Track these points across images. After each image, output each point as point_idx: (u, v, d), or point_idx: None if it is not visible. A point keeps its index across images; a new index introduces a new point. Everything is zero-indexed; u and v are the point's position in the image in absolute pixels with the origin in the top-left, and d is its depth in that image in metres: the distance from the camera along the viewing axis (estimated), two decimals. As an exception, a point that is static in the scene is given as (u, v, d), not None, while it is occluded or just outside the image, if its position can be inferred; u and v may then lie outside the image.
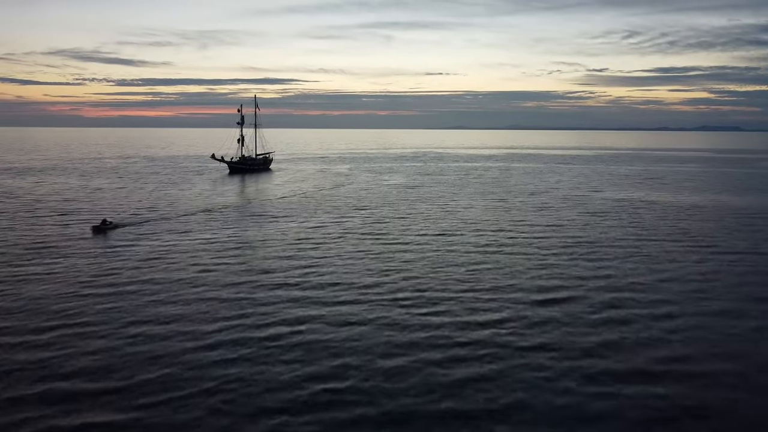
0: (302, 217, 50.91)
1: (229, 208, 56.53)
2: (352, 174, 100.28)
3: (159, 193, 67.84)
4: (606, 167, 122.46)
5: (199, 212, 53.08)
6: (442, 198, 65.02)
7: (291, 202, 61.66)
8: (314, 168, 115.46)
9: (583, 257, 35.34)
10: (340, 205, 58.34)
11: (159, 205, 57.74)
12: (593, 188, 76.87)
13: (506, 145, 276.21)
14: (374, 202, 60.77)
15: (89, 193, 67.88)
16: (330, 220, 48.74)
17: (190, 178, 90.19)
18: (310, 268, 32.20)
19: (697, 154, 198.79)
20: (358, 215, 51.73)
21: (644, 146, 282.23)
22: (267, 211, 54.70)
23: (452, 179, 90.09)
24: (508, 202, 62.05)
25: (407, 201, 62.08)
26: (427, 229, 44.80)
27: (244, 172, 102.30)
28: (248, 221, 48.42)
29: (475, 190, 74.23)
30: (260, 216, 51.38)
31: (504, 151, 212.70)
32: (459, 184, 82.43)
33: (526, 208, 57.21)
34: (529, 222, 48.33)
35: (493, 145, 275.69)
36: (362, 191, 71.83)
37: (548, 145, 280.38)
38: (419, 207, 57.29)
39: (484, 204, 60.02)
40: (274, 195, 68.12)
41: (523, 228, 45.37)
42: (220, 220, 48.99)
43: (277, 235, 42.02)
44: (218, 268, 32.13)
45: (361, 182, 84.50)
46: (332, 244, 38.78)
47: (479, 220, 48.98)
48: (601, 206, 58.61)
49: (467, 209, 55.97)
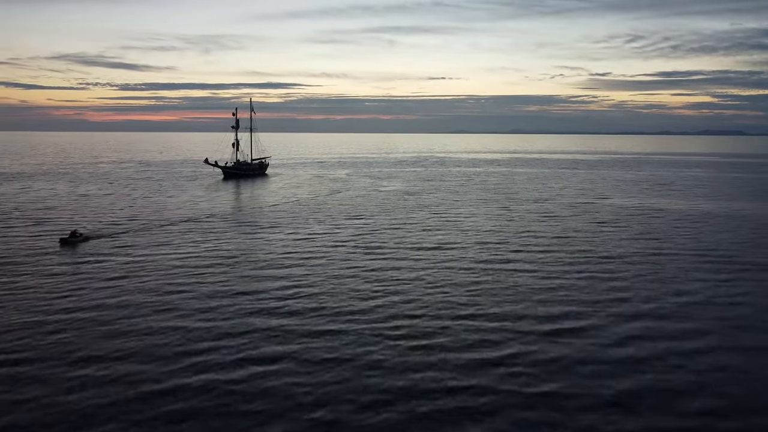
0: (292, 227, 47.70)
1: (215, 217, 53.36)
2: (349, 179, 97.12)
3: (145, 201, 64.72)
4: (611, 172, 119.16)
5: (183, 222, 49.91)
6: (441, 206, 61.80)
7: (283, 210, 58.48)
8: (312, 173, 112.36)
9: (595, 275, 32.06)
10: (334, 214, 55.15)
11: (142, 213, 54.60)
12: (600, 195, 73.58)
13: (509, 150, 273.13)
14: (370, 211, 57.57)
15: (72, 200, 64.79)
16: (321, 231, 45.53)
17: (182, 184, 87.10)
18: (292, 290, 28.98)
19: (702, 158, 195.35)
20: (352, 225, 48.52)
21: (649, 150, 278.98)
22: (255, 220, 51.51)
23: (453, 185, 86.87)
24: (511, 210, 58.79)
25: (404, 209, 58.87)
26: (423, 241, 41.54)
27: (239, 177, 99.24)
28: (233, 232, 45.22)
29: (477, 196, 70.99)
30: (247, 226, 48.19)
31: (507, 155, 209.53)
32: (460, 190, 79.20)
33: (531, 216, 53.94)
34: (534, 233, 45.07)
35: (496, 150, 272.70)
36: (358, 198, 68.65)
37: (551, 150, 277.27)
38: (417, 216, 54.05)
39: (485, 212, 56.77)
40: (266, 202, 64.96)
41: (528, 240, 42.10)
42: (203, 230, 45.81)
43: (261, 249, 38.80)
44: (190, 290, 28.93)
45: (358, 188, 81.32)
46: (320, 260, 35.55)
47: (480, 231, 45.72)
48: (610, 215, 55.29)
49: (468, 218, 52.72)
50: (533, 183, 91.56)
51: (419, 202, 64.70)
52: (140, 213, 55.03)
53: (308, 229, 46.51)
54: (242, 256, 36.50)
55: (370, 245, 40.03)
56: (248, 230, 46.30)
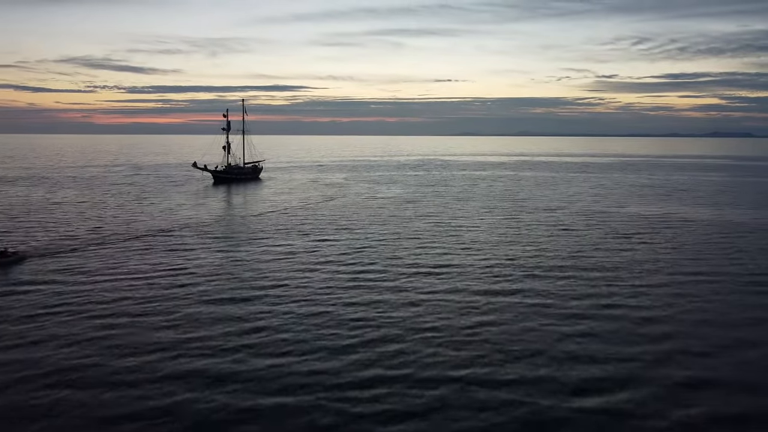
0: (271, 242, 42.09)
1: (189, 228, 47.82)
2: (346, 184, 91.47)
3: (119, 210, 59.26)
4: (624, 176, 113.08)
5: (151, 235, 44.39)
6: (442, 215, 56.05)
7: (267, 220, 52.88)
8: (308, 177, 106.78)
9: (626, 308, 26.28)
10: (322, 225, 49.52)
11: (109, 225, 49.12)
12: (616, 202, 67.64)
13: (515, 152, 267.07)
14: (363, 221, 51.90)
15: (40, 208, 59.39)
16: (303, 248, 39.90)
17: (167, 189, 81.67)
18: (252, 331, 23.35)
19: (716, 161, 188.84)
20: (339, 240, 42.86)
21: (658, 153, 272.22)
22: (232, 233, 45.93)
23: (456, 191, 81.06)
24: (519, 220, 52.98)
25: (401, 219, 53.16)
26: (418, 262, 35.78)
27: (230, 182, 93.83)
28: (202, 247, 39.62)
29: (482, 204, 65.18)
30: (221, 240, 42.60)
31: (513, 158, 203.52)
32: (464, 196, 73.41)
33: (542, 229, 48.13)
34: (546, 249, 39.29)
35: (502, 152, 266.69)
36: (352, 206, 63.00)
37: (559, 152, 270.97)
38: (414, 228, 48.34)
39: (491, 224, 50.98)
40: (251, 211, 59.38)
41: (540, 259, 36.32)
42: (169, 246, 40.26)
43: (230, 271, 33.19)
44: (130, 325, 23.34)
45: (354, 194, 75.68)
46: (295, 285, 29.91)
47: (485, 248, 39.95)
48: (631, 226, 49.42)
49: (471, 231, 46.95)
50: (542, 188, 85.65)
51: (418, 211, 58.97)
52: (107, 224, 49.54)
53: (289, 246, 40.88)
54: (203, 281, 30.89)
55: (355, 269, 34.33)
56: (220, 245, 40.71)
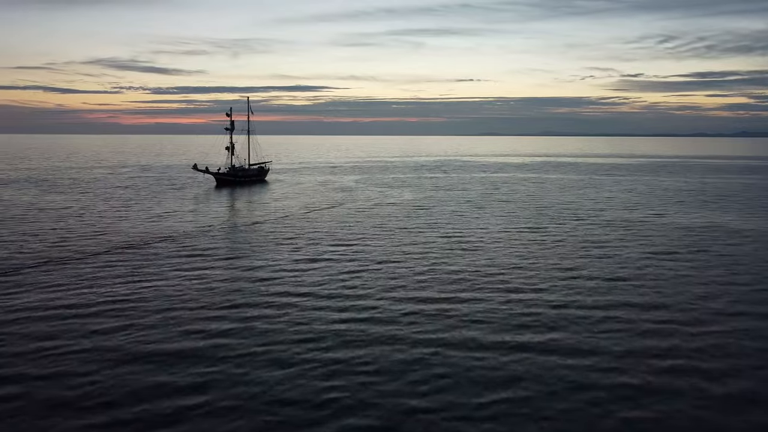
0: (255, 258, 36.31)
1: (169, 240, 42.29)
2: (357, 188, 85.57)
3: (100, 218, 54.08)
4: (656, 179, 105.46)
5: (127, 247, 38.95)
6: (457, 225, 49.82)
7: (260, 230, 47.21)
8: (317, 179, 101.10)
9: (691, 359, 19.94)
10: (321, 237, 43.68)
11: (80, 236, 43.83)
12: (652, 210, 60.69)
13: (539, 153, 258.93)
14: (366, 233, 45.93)
15: (16, 214, 54.46)
16: (291, 267, 34.05)
17: (164, 193, 76.57)
18: (210, 383, 17.53)
19: (749, 162, 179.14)
20: (335, 257, 36.94)
21: (687, 153, 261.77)
22: (215, 246, 40.26)
23: (474, 195, 74.63)
24: (544, 231, 46.54)
25: (410, 231, 47.07)
26: (423, 288, 29.67)
27: (233, 184, 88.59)
28: (170, 267, 33.92)
29: (502, 212, 58.76)
30: (198, 256, 36.92)
31: (537, 159, 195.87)
32: (482, 202, 67.01)
33: (571, 244, 41.68)
34: (578, 271, 32.91)
35: (525, 153, 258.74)
36: (358, 213, 57.06)
37: (584, 153, 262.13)
38: (423, 242, 42.21)
39: (512, 236, 44.63)
40: (246, 219, 53.77)
41: (572, 287, 29.97)
42: (138, 261, 34.69)
43: (199, 297, 27.45)
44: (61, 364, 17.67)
45: (362, 199, 69.75)
46: (273, 316, 24.05)
47: (505, 269, 33.68)
48: (676, 240, 42.72)
49: (489, 245, 40.68)
50: (568, 193, 78.80)
51: (430, 220, 52.81)
52: (78, 235, 44.26)
53: (276, 264, 35.06)
54: (160, 310, 25.16)
55: (348, 290, 28.36)
56: (196, 263, 35.03)
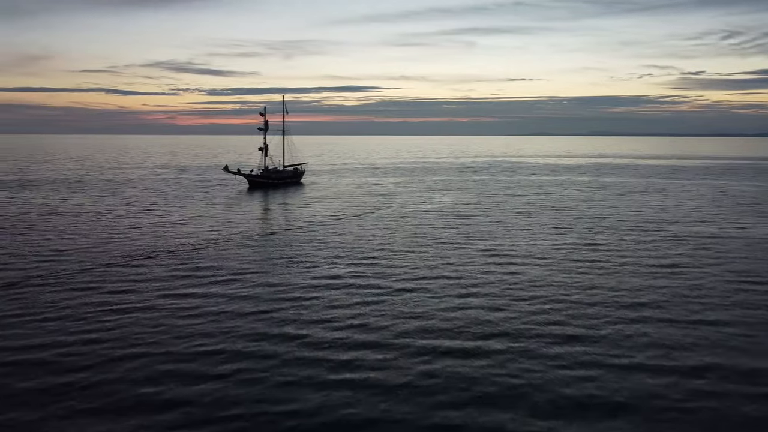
0: (258, 278, 31.29)
1: (174, 254, 37.81)
2: (396, 191, 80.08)
3: (114, 224, 50.38)
4: (727, 183, 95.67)
5: (132, 259, 34.66)
6: (499, 237, 43.69)
7: (277, 241, 42.35)
8: (356, 182, 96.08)
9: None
10: (343, 252, 38.43)
11: (84, 246, 39.92)
12: (729, 221, 52.82)
13: (593, 154, 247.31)
14: (394, 246, 40.41)
15: (24, 220, 51.37)
16: (299, 292, 28.89)
17: (193, 196, 72.99)
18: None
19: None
20: (357, 275, 31.58)
21: (756, 155, 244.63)
22: (220, 264, 35.45)
23: (522, 202, 68.00)
24: (600, 248, 39.87)
25: (446, 245, 41.25)
26: (451, 328, 23.86)
27: (267, 187, 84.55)
28: (162, 286, 29.24)
29: (552, 221, 52.17)
30: (198, 275, 32.14)
31: (591, 160, 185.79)
32: (530, 210, 60.43)
33: (633, 263, 34.99)
34: (646, 305, 26.48)
35: (579, 154, 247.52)
36: (391, 223, 51.57)
37: (642, 154, 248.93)
38: (457, 260, 36.33)
39: (562, 252, 38.21)
40: (265, 227, 49.07)
41: (641, 329, 23.66)
42: (133, 277, 30.22)
43: (173, 330, 22.56)
44: None
45: (399, 205, 64.24)
46: (251, 369, 18.86)
47: (553, 301, 27.51)
48: (763, 261, 35.44)
49: (535, 267, 34.46)
50: (628, 199, 71.13)
51: (469, 230, 46.83)
52: (84, 245, 40.37)
53: (290, 280, 29.96)
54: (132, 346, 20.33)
55: (354, 337, 22.94)
56: (195, 282, 30.24)
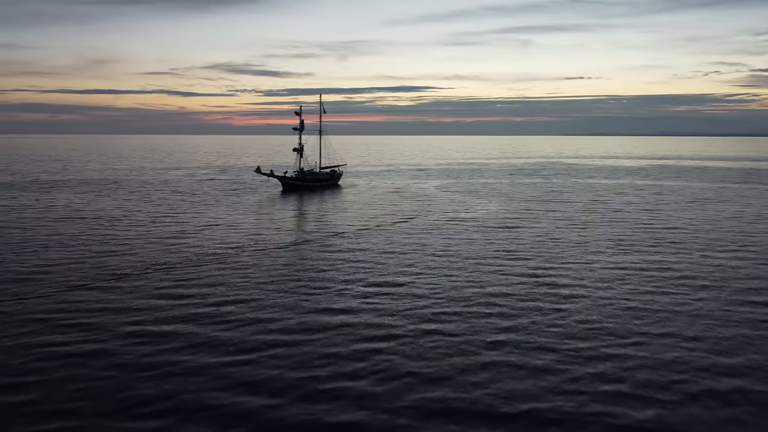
0: (253, 308, 26.35)
1: (171, 270, 33.42)
2: (436, 196, 74.25)
3: (126, 233, 46.74)
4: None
5: (112, 277, 30.47)
6: (547, 255, 37.43)
7: (295, 253, 37.45)
8: (397, 184, 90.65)
9: None
10: (362, 271, 33.17)
11: (80, 258, 36.08)
12: (823, 237, 44.81)
13: (655, 155, 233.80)
14: (424, 265, 34.81)
15: (33, 224, 48.34)
16: (301, 321, 23.80)
17: (221, 199, 69.25)
18: None
19: None
20: (367, 307, 26.25)
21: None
22: (220, 284, 30.75)
23: (576, 210, 61.04)
24: (667, 270, 33.12)
25: (483, 261, 35.34)
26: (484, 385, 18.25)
27: (302, 189, 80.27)
28: (152, 303, 24.67)
29: (609, 234, 45.39)
30: (190, 291, 27.50)
31: (653, 162, 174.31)
32: (584, 220, 53.58)
33: (712, 294, 28.26)
34: (730, 352, 20.10)
35: (639, 155, 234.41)
36: (423, 235, 45.98)
37: (709, 155, 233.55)
38: (496, 279, 30.43)
39: (622, 275, 31.71)
40: (285, 236, 44.30)
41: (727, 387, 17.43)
42: (127, 293, 25.84)
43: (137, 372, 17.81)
44: None
45: (438, 212, 58.50)
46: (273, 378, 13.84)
47: (611, 335, 21.40)
48: None
49: (589, 294, 28.22)
50: (697, 208, 63.07)
51: (514, 246, 40.72)
52: (79, 257, 36.56)
53: (270, 322, 24.93)
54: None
55: (365, 378, 17.59)
56: (175, 306, 25.58)
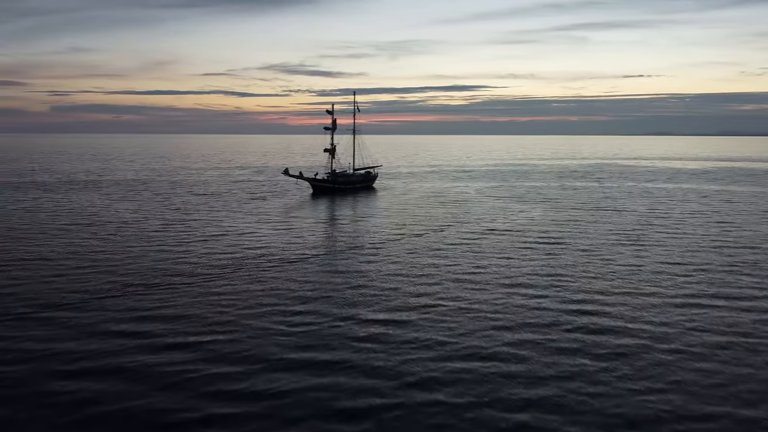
0: (268, 324, 21.46)
1: (158, 284, 29.02)
2: (475, 201, 68.14)
3: (126, 242, 42.98)
4: None
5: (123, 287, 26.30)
6: (595, 278, 31.17)
7: (304, 268, 32.52)
8: (436, 187, 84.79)
9: None
10: (373, 295, 27.98)
11: (75, 275, 32.23)
12: None
13: (721, 156, 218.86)
14: (446, 290, 29.25)
15: (40, 226, 45.15)
16: (284, 358, 18.76)
17: (245, 204, 65.24)
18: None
19: None
20: (373, 345, 20.98)
21: None
22: (201, 303, 26.08)
23: (630, 221, 53.82)
24: (749, 301, 26.49)
25: (514, 294, 29.48)
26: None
27: (333, 192, 75.56)
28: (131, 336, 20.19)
29: (671, 253, 38.54)
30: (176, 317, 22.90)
31: (719, 164, 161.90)
32: (640, 233, 46.65)
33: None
34: None
35: (703, 156, 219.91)
36: (455, 247, 40.29)
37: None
38: (530, 316, 24.58)
39: (690, 316, 25.31)
40: (299, 249, 39.48)
41: None
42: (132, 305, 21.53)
43: None
44: None
45: (474, 221, 52.57)
46: None
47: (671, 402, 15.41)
48: None
49: (649, 353, 22.07)
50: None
51: (556, 265, 34.54)
52: (54, 273, 32.73)
53: (253, 361, 19.94)
54: None
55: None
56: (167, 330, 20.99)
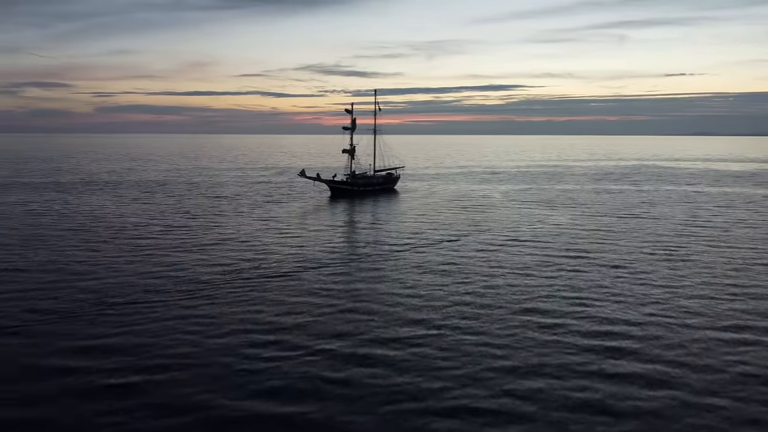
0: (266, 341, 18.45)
1: (176, 287, 26.27)
2: (500, 206, 64.11)
3: (119, 248, 40.61)
4: None
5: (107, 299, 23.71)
6: (623, 304, 27.24)
7: (297, 283, 29.44)
8: (461, 190, 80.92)
9: None
10: (373, 317, 24.71)
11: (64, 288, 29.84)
12: None
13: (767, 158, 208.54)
14: (453, 314, 25.79)
15: (62, 222, 43.15)
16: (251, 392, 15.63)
17: (258, 207, 62.67)
18: None
19: None
20: (366, 380, 17.70)
21: None
22: (177, 321, 23.17)
23: (668, 230, 49.16)
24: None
25: (531, 320, 25.85)
26: None
27: (353, 194, 72.49)
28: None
29: (711, 267, 34.14)
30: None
31: (766, 166, 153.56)
32: (678, 244, 42.18)
33: None
34: None
35: (749, 158, 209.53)
36: (473, 259, 36.68)
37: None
38: (547, 352, 20.97)
39: (740, 349, 21.31)
40: (298, 258, 36.44)
41: None
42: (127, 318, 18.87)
43: None
44: None
45: (496, 229, 48.74)
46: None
47: None
48: None
49: (685, 389, 18.24)
50: (834, 228, 49.58)
51: (577, 287, 30.66)
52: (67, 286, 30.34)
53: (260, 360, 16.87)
54: None
55: None
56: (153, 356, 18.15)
